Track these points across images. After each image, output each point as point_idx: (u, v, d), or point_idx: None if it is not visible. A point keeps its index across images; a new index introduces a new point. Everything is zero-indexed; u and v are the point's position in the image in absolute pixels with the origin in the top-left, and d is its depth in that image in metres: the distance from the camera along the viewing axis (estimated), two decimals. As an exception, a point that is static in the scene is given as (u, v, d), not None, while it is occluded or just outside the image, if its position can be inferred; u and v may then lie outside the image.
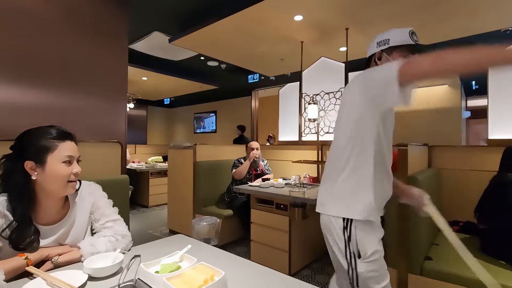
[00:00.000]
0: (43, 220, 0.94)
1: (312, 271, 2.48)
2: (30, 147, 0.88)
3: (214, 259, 0.92)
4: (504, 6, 2.49)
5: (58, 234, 0.96)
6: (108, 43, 1.75)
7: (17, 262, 0.83)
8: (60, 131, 0.93)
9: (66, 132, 0.95)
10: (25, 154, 0.88)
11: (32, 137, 0.90)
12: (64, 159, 0.91)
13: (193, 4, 3.08)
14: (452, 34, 3.10)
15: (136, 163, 5.39)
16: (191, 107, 8.93)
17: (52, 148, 0.89)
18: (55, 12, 1.52)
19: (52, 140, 0.90)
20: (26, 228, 0.87)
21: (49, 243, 0.94)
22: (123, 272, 0.74)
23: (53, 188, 0.91)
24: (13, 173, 0.87)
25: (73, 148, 0.95)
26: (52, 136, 0.90)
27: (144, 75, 5.39)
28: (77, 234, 1.00)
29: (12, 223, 0.86)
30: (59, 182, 0.90)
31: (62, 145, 0.91)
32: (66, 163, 0.91)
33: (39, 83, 1.46)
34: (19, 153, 0.89)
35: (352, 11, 2.64)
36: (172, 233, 3.49)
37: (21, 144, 0.90)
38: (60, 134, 0.92)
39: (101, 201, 1.07)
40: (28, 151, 0.88)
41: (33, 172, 0.88)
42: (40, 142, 0.88)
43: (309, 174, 3.09)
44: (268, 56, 4.02)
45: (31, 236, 0.88)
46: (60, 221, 0.97)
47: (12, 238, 0.85)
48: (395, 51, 1.06)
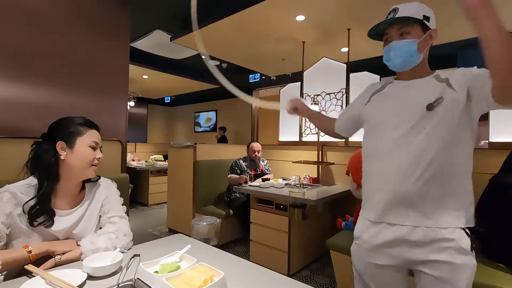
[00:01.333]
0: (60, 205, 1.00)
1: (311, 271, 2.48)
2: (63, 130, 1.00)
3: (213, 259, 0.92)
4: (505, 9, 2.48)
5: (71, 222, 1.00)
6: (110, 41, 1.75)
7: (19, 253, 0.85)
8: (88, 120, 1.07)
9: (93, 122, 1.08)
10: (57, 136, 0.99)
11: (66, 122, 1.02)
12: (91, 144, 1.02)
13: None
14: (457, 35, 3.08)
15: (136, 162, 5.39)
16: (192, 106, 8.93)
17: (82, 133, 1.02)
18: (56, 9, 1.52)
19: (81, 126, 1.03)
20: (44, 206, 0.94)
21: (61, 229, 0.97)
22: (122, 272, 0.74)
23: (77, 169, 1.01)
24: (45, 153, 0.97)
25: (98, 136, 1.07)
26: (82, 123, 1.03)
27: (145, 73, 5.39)
28: (87, 225, 1.04)
29: (32, 199, 0.93)
30: (84, 163, 1.01)
31: (90, 132, 1.04)
32: (92, 148, 1.03)
33: (39, 81, 1.46)
34: (51, 136, 1.00)
35: (354, 12, 2.63)
36: (171, 232, 3.50)
37: (54, 128, 1.01)
38: (88, 123, 1.06)
39: (114, 197, 1.14)
40: (61, 133, 0.99)
41: (63, 152, 0.98)
42: (72, 127, 1.01)
43: (309, 175, 3.09)
44: (269, 56, 4.02)
45: (46, 214, 0.94)
46: (74, 208, 1.03)
47: (30, 213, 0.91)
48: None
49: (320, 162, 3.06)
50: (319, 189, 2.61)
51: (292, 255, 2.34)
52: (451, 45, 3.38)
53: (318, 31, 3.09)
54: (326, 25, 2.93)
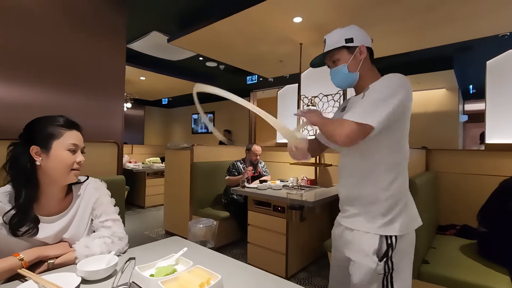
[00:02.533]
0: (45, 211, 0.94)
1: (309, 273, 2.47)
2: (37, 133, 0.91)
3: (210, 262, 0.90)
4: (502, 12, 2.50)
5: (59, 227, 0.95)
6: (106, 42, 1.74)
7: (10, 262, 0.81)
8: (67, 120, 0.96)
9: (73, 121, 0.98)
10: (32, 140, 0.90)
11: (40, 124, 0.93)
12: (69, 147, 0.93)
13: (192, 4, 3.07)
14: (451, 38, 3.11)
15: (132, 163, 5.36)
16: (189, 108, 8.91)
17: (58, 135, 0.92)
18: (52, 10, 1.50)
19: (59, 128, 0.93)
20: (26, 215, 0.88)
21: (49, 235, 0.93)
22: (117, 275, 0.73)
23: (56, 175, 0.92)
24: (19, 158, 0.89)
25: (78, 138, 0.97)
26: (59, 124, 0.93)
27: (142, 75, 5.37)
28: (78, 228, 0.99)
29: (12, 209, 0.86)
30: (62, 168, 0.92)
31: (68, 133, 0.94)
32: (71, 151, 0.94)
33: (34, 82, 1.44)
34: (26, 139, 0.91)
35: (351, 14, 2.64)
36: (168, 235, 3.47)
37: (29, 130, 0.93)
38: (67, 123, 0.95)
39: (105, 198, 1.08)
40: (35, 136, 0.91)
41: (38, 157, 0.90)
42: (47, 129, 0.91)
43: (307, 176, 3.08)
44: (267, 58, 4.02)
45: (30, 223, 0.88)
46: (62, 213, 0.97)
47: (11, 223, 0.86)
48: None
49: (317, 163, 3.06)
50: (316, 191, 2.61)
51: (290, 257, 2.33)
52: (448, 47, 3.41)
53: (316, 33, 3.10)
54: (323, 27, 2.93)
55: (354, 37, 1.02)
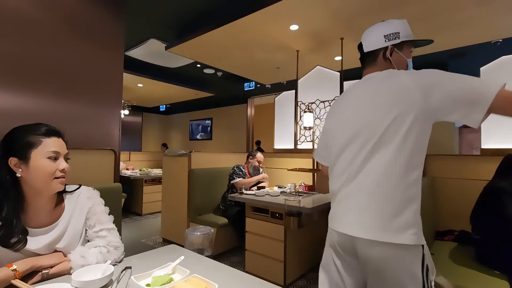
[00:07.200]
0: (35, 222, 0.92)
1: (307, 281, 2.45)
2: (15, 143, 0.88)
3: (207, 270, 0.90)
4: (494, 19, 2.55)
5: (51, 238, 0.93)
6: (104, 49, 1.74)
7: (3, 273, 0.79)
8: (46, 127, 0.93)
9: (52, 129, 0.94)
10: (10, 151, 0.87)
11: (17, 134, 0.90)
12: (48, 154, 0.89)
13: (190, 12, 3.11)
14: (444, 45, 3.16)
15: (130, 170, 5.33)
16: (187, 114, 8.93)
17: (36, 144, 0.88)
18: (50, 17, 1.51)
19: (36, 136, 0.89)
20: (12, 227, 0.85)
21: (41, 247, 0.90)
22: (113, 285, 0.72)
23: (38, 185, 0.89)
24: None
25: (58, 144, 0.93)
26: (37, 133, 0.90)
27: (140, 82, 5.39)
28: (72, 238, 0.97)
29: None
30: (44, 178, 0.89)
31: (46, 141, 0.90)
32: (51, 159, 0.90)
33: (31, 89, 1.44)
34: (4, 150, 0.88)
35: (347, 21, 2.68)
36: (165, 242, 3.44)
37: (6, 142, 0.89)
38: (45, 131, 0.92)
39: (99, 207, 1.05)
40: (13, 147, 0.88)
41: (17, 169, 0.87)
42: (25, 138, 0.88)
43: (305, 182, 3.08)
44: (264, 65, 4.05)
45: (18, 235, 0.85)
46: (53, 224, 0.95)
47: None
48: (405, 46, 1.00)
49: (315, 169, 3.06)
50: (314, 197, 2.60)
51: (288, 264, 2.31)
52: (442, 54, 3.46)
53: (312, 40, 3.14)
54: (319, 34, 2.97)
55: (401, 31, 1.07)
